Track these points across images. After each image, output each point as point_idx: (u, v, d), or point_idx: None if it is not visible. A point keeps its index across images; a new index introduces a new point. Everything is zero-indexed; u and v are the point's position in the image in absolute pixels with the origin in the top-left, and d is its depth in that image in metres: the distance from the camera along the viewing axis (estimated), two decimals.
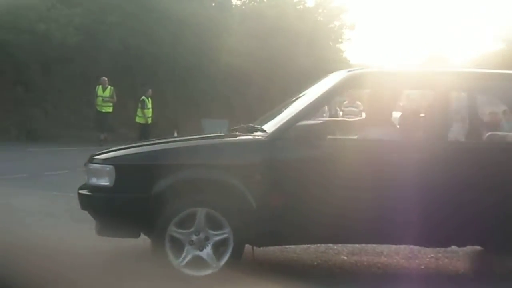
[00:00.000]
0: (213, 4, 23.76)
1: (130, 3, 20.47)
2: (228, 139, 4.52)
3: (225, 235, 3.88)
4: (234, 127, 5.11)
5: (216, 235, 3.91)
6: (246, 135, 4.39)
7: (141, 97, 17.02)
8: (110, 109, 16.80)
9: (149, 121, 16.61)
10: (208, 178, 3.93)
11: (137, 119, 16.67)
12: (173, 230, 3.86)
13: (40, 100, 19.19)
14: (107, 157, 4.10)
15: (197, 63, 21.43)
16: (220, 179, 3.93)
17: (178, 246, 3.90)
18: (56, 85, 19.35)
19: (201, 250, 3.87)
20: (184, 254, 3.88)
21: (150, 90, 17.30)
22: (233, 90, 22.94)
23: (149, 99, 16.96)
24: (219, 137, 4.72)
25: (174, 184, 3.89)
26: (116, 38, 20.03)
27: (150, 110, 16.75)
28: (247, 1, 26.77)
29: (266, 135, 4.09)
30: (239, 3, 26.49)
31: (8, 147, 14.56)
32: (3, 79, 17.75)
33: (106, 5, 20.32)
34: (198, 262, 3.90)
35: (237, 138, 4.53)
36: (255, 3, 26.51)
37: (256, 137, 4.22)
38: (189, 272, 3.85)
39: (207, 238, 3.87)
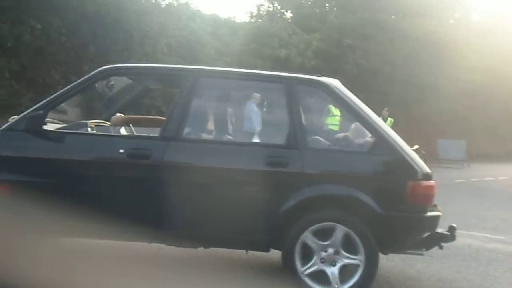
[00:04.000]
0: (451, 21, 22.98)
1: (367, 26, 20.83)
2: None
3: None
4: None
5: None
6: None
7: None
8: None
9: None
10: None
11: None
12: None
13: None
14: None
15: (433, 82, 20.86)
16: None
17: None
18: None
19: None
20: None
21: (386, 110, 17.39)
22: (472, 109, 21.77)
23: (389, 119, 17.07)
24: None
25: None
26: (350, 60, 20.54)
27: None
28: (486, 18, 25.32)
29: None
30: (477, 19, 25.21)
31: None
32: None
33: (343, 29, 20.98)
34: None
35: None
36: (495, 18, 24.93)
37: None
38: None
39: None
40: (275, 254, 4.11)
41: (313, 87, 4.10)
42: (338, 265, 3.71)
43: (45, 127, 3.99)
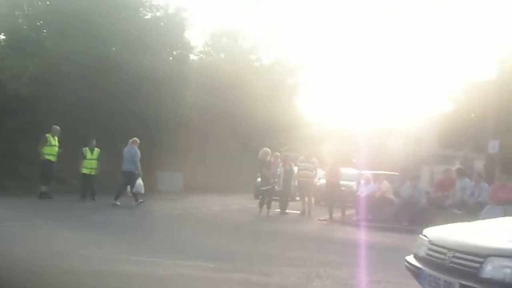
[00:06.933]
0: (171, 58, 23.88)
1: (84, 55, 20.17)
2: None
3: None
4: None
5: None
6: None
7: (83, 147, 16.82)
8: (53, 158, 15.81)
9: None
10: None
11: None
12: None
13: None
14: None
15: (154, 115, 21.27)
16: None
17: None
18: (7, 135, 18.80)
19: None
20: None
21: (94, 141, 17.12)
22: (190, 143, 22.82)
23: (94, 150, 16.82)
24: None
25: None
26: (70, 89, 19.72)
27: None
28: (204, 57, 27.07)
29: None
30: (196, 58, 26.74)
31: None
32: None
33: (61, 56, 20.04)
34: None
35: None
36: (212, 58, 26.83)
37: None
38: None
39: None
40: None
41: None
42: None
43: None
